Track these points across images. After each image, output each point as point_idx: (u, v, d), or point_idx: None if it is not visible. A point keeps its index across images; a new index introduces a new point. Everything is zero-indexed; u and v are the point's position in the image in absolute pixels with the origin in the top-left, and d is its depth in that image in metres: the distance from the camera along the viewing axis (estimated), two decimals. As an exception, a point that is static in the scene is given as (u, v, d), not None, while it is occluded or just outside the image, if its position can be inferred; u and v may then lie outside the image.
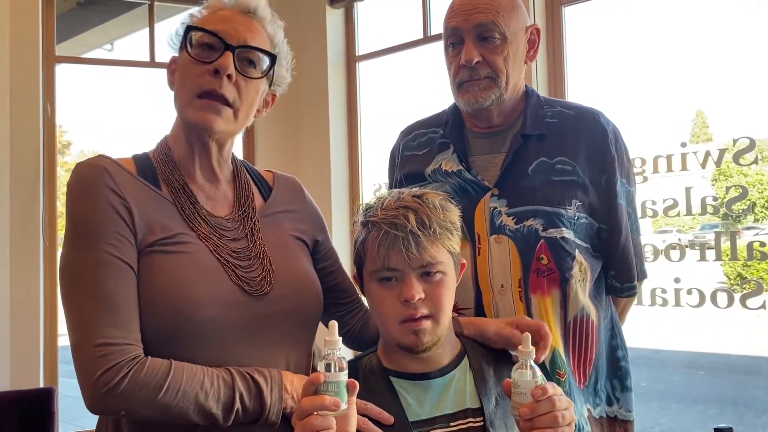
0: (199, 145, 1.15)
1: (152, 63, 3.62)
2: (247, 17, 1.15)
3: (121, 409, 0.99)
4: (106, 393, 0.96)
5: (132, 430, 1.07)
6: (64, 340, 3.48)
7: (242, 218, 1.18)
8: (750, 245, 2.54)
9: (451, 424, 1.10)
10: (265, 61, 1.15)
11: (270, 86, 1.20)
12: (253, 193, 1.23)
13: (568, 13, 2.92)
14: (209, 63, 1.09)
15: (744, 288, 2.54)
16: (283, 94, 1.27)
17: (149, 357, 1.01)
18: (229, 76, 1.09)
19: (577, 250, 1.38)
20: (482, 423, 1.10)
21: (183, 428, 1.03)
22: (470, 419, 1.10)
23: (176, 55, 1.17)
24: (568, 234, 1.37)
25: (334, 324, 0.93)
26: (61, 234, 3.46)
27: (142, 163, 1.15)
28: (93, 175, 1.07)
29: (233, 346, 1.07)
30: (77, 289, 1.02)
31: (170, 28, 1.19)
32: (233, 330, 1.07)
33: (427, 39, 3.43)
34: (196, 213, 1.13)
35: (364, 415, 1.07)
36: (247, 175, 1.26)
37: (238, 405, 1.01)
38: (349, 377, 0.93)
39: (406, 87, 4.20)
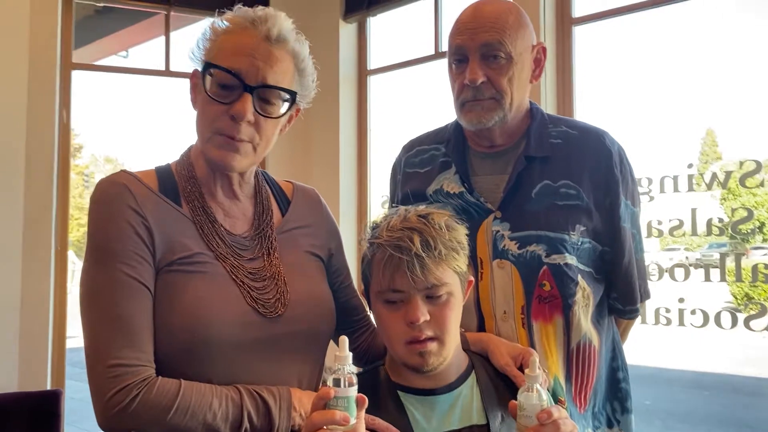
0: (220, 174, 1.17)
1: (167, 72, 3.66)
2: (270, 45, 1.10)
3: (131, 428, 1.01)
4: (117, 413, 0.99)
5: None
6: (72, 342, 3.52)
7: (260, 236, 1.18)
8: (755, 267, 2.54)
9: None
10: (286, 97, 1.13)
11: (292, 107, 1.18)
12: (272, 210, 1.23)
13: (578, 32, 2.94)
14: (227, 104, 1.08)
15: (749, 309, 2.54)
16: None
17: (159, 378, 1.02)
18: (248, 121, 1.08)
19: (579, 275, 1.36)
20: None
21: None
22: None
23: (198, 68, 1.15)
24: (571, 260, 1.35)
25: (344, 339, 0.95)
26: (72, 237, 3.50)
27: (164, 178, 1.16)
28: (114, 193, 1.08)
29: (247, 365, 1.08)
30: (93, 308, 1.04)
31: (187, 37, 1.19)
32: (247, 350, 1.08)
33: (438, 54, 3.46)
34: (215, 232, 1.13)
35: (371, 431, 1.08)
36: (268, 189, 1.26)
37: (246, 424, 1.03)
38: (357, 391, 0.94)
39: (416, 102, 4.23)
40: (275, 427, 1.05)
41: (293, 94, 1.13)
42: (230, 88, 1.09)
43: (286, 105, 1.13)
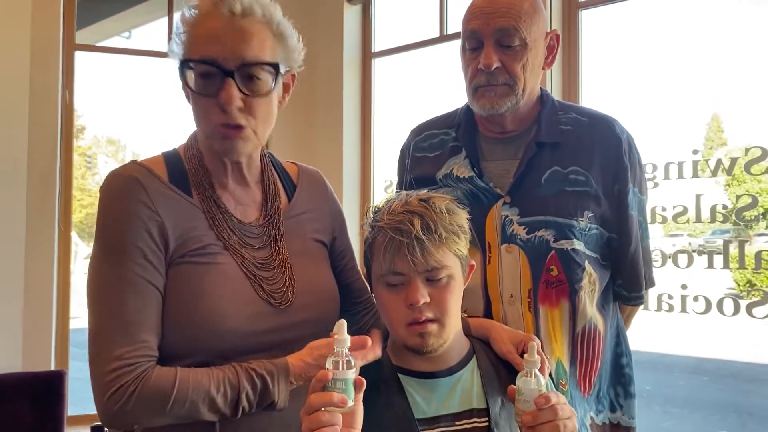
0: (229, 161, 1.16)
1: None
2: (238, 20, 1.06)
3: (133, 424, 1.02)
4: (117, 413, 1.00)
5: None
6: (75, 323, 3.53)
7: (268, 224, 1.19)
8: (759, 254, 2.54)
9: (456, 423, 1.11)
10: (270, 70, 1.09)
11: (282, 75, 1.15)
12: (279, 195, 1.23)
13: (585, 16, 2.92)
14: (213, 96, 1.06)
15: (752, 296, 2.54)
16: (297, 89, 1.22)
17: (156, 368, 1.03)
18: (237, 106, 1.06)
19: (586, 261, 1.37)
20: (487, 424, 1.11)
21: (198, 425, 1.06)
22: (475, 419, 1.12)
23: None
24: (578, 245, 1.36)
25: (342, 322, 0.96)
26: (74, 218, 3.51)
27: (173, 165, 1.15)
28: (125, 187, 1.07)
29: (256, 354, 1.09)
30: (99, 304, 1.04)
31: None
32: (257, 340, 1.10)
33: (443, 38, 3.44)
34: (225, 222, 1.13)
35: None
36: (274, 172, 1.26)
37: (244, 403, 1.04)
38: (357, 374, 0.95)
39: (420, 85, 4.20)
40: (275, 399, 1.06)
41: (275, 65, 1.09)
42: (211, 76, 1.06)
43: (272, 78, 1.10)
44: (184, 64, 1.09)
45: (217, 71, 1.05)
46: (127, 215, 1.05)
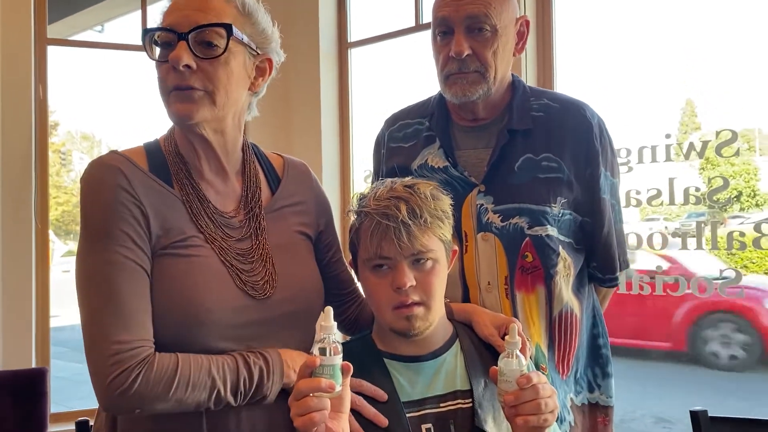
0: (197, 140, 1.15)
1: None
2: None
3: (135, 408, 1.02)
4: (120, 396, 1.00)
5: (132, 418, 1.10)
6: (55, 321, 3.49)
7: (248, 216, 1.19)
8: (730, 234, 2.60)
9: (441, 404, 1.14)
10: (224, 33, 1.09)
11: (256, 52, 1.15)
12: (260, 188, 1.23)
13: (558, 3, 2.94)
14: (168, 60, 1.07)
15: (725, 277, 2.60)
16: (273, 79, 1.22)
17: (157, 354, 1.04)
18: (188, 66, 1.06)
19: (560, 246, 1.40)
20: (471, 404, 1.14)
21: (186, 416, 1.07)
22: (459, 401, 1.15)
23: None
24: (552, 231, 1.38)
25: (329, 309, 0.98)
26: (51, 215, 3.47)
27: (153, 155, 1.15)
28: (107, 175, 1.08)
29: (239, 347, 1.10)
30: (91, 291, 1.04)
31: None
32: (239, 331, 1.11)
33: (419, 27, 3.45)
34: (203, 211, 1.14)
35: (358, 393, 1.12)
36: (257, 164, 1.26)
37: (241, 388, 1.06)
38: (344, 359, 0.97)
39: (398, 74, 4.21)
40: (267, 392, 1.08)
41: (228, 27, 1.08)
42: (169, 44, 1.08)
43: (225, 42, 1.09)
44: (147, 37, 1.11)
45: (173, 36, 1.07)
46: (111, 201, 1.06)
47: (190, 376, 1.03)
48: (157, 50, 1.11)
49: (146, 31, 1.11)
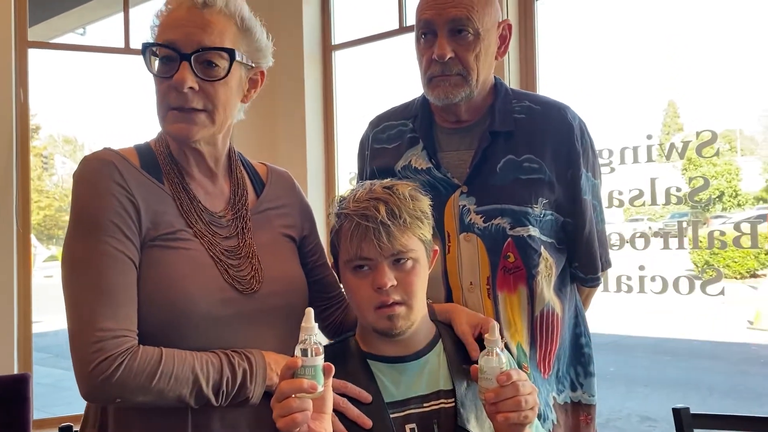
0: (190, 150, 1.18)
1: (127, 49, 3.58)
2: (200, 10, 1.11)
3: (116, 397, 1.02)
4: (102, 383, 1.00)
5: (117, 418, 1.10)
6: (37, 327, 3.45)
7: (235, 216, 1.21)
8: (711, 234, 2.63)
9: (424, 404, 1.15)
10: (226, 57, 1.12)
11: (251, 66, 1.19)
12: (246, 191, 1.26)
13: (541, 7, 2.97)
14: (170, 78, 1.09)
15: (707, 275, 2.63)
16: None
17: (141, 346, 1.04)
18: (191, 88, 1.09)
19: (542, 247, 1.41)
20: (453, 404, 1.15)
21: (171, 416, 1.07)
22: (442, 400, 1.15)
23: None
24: (534, 232, 1.39)
25: (310, 311, 0.98)
26: (33, 219, 3.44)
27: (145, 155, 1.17)
28: (100, 168, 1.09)
29: (225, 338, 1.11)
30: (78, 280, 1.05)
31: (147, 14, 1.18)
32: (225, 325, 1.12)
33: (403, 29, 3.46)
34: (194, 209, 1.16)
35: (342, 395, 1.12)
36: (242, 169, 1.29)
37: (224, 388, 1.07)
38: (328, 360, 0.97)
39: (382, 76, 4.22)
40: (250, 394, 1.09)
41: (231, 52, 1.12)
42: (170, 60, 1.10)
43: (228, 65, 1.12)
44: (148, 50, 1.13)
45: (175, 55, 1.09)
46: (103, 193, 1.07)
47: (174, 369, 1.03)
48: (155, 62, 1.13)
49: (146, 46, 1.13)
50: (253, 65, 1.19)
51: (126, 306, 1.05)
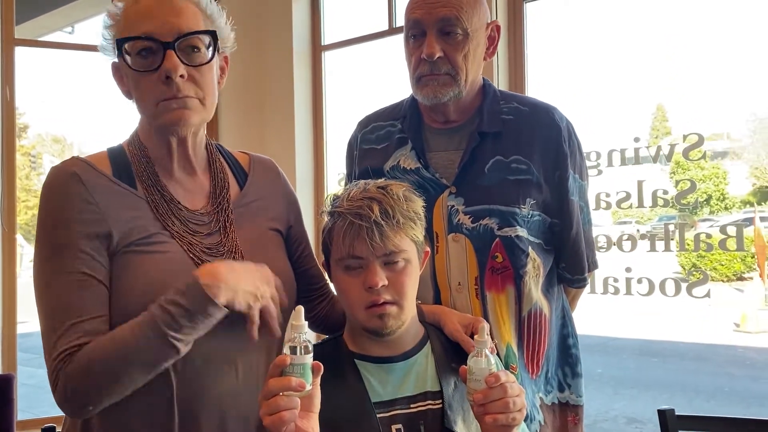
0: (176, 140, 1.15)
1: (115, 48, 3.56)
2: None
3: (86, 406, 1.01)
4: (63, 402, 1.01)
5: (102, 416, 1.08)
6: (23, 327, 3.42)
7: (217, 211, 1.18)
8: (697, 237, 2.65)
9: (411, 405, 1.15)
10: (207, 41, 1.11)
11: (218, 53, 1.16)
12: (228, 183, 1.23)
13: (530, 9, 2.98)
14: (155, 70, 1.06)
15: (693, 277, 2.65)
16: (247, 82, 1.25)
17: (81, 348, 1.01)
18: (181, 76, 1.07)
19: (530, 247, 1.41)
20: (441, 405, 1.15)
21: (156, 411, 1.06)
22: (429, 401, 1.15)
23: (116, 60, 1.14)
24: (521, 232, 1.40)
25: (300, 309, 0.98)
26: (19, 220, 3.41)
27: (117, 160, 1.14)
28: (64, 183, 1.07)
29: (210, 340, 1.06)
30: (41, 299, 1.05)
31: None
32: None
33: (392, 30, 3.46)
34: (170, 211, 1.13)
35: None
36: (222, 161, 1.25)
37: (170, 332, 0.99)
38: (314, 360, 0.97)
39: (371, 77, 4.22)
40: (197, 314, 1.00)
41: (212, 33, 1.11)
42: (151, 52, 1.07)
43: (211, 48, 1.11)
44: (122, 46, 1.09)
45: (156, 45, 1.06)
46: (65, 210, 1.05)
47: (106, 351, 0.99)
48: (129, 60, 1.09)
49: (122, 41, 1.09)
50: (220, 50, 1.17)
51: (84, 324, 1.02)
